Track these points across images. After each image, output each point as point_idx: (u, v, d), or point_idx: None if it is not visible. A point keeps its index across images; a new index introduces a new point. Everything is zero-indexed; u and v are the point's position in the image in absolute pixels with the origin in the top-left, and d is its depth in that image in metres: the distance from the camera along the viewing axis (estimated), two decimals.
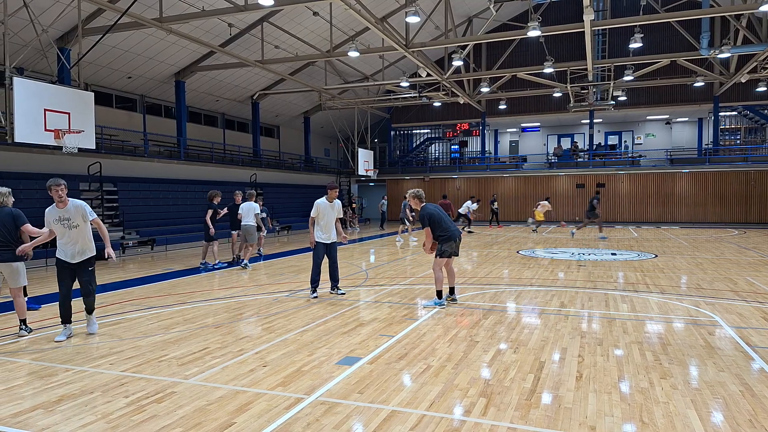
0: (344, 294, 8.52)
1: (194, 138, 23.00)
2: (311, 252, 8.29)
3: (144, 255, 15.45)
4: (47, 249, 13.22)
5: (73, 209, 5.95)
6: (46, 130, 11.19)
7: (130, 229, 16.66)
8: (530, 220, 24.13)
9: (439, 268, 7.54)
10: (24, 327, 6.17)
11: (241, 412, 3.89)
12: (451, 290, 7.81)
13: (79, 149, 12.09)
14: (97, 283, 9.96)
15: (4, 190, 6.21)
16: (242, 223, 11.93)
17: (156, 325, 6.62)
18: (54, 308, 7.79)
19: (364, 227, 28.00)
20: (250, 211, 11.93)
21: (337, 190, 8.46)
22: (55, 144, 11.56)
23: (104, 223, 16.26)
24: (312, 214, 8.20)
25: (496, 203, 25.31)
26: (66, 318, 6.02)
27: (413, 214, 18.38)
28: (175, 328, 6.46)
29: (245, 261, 11.78)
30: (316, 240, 8.15)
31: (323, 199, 8.26)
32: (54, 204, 5.92)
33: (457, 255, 7.69)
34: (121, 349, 5.57)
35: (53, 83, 12.03)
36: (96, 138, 13.00)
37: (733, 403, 4.00)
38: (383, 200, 27.10)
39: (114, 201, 16.97)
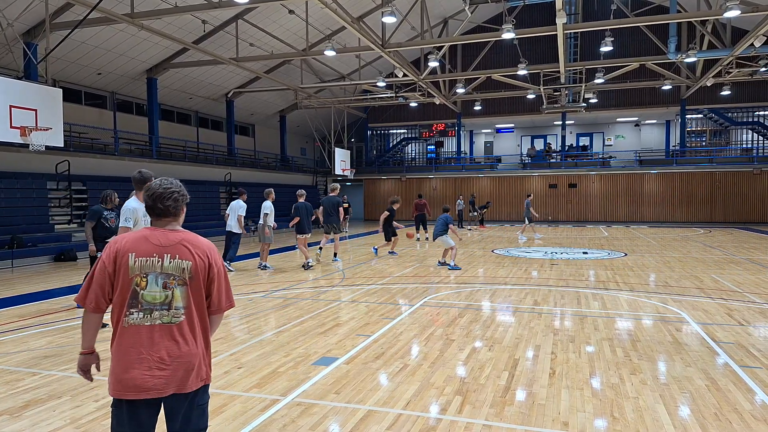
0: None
1: (167, 136, 22.55)
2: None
3: None
4: (13, 250, 12.80)
5: None
6: (11, 127, 10.83)
7: None
8: None
9: (300, 243, 11.76)
10: None
11: (216, 415, 3.83)
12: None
13: (47, 147, 11.74)
14: (67, 284, 9.74)
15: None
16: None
17: None
18: (16, 310, 7.54)
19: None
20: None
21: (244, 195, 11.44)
22: (22, 141, 11.19)
23: (73, 223, 15.87)
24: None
25: (485, 209, 25.27)
26: None
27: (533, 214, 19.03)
28: None
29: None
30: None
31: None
32: (136, 200, 5.11)
33: (304, 233, 11.57)
34: None
35: (19, 79, 11.65)
36: (64, 136, 12.63)
37: (699, 397, 4.13)
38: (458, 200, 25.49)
39: (83, 201, 16.52)
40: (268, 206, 11.38)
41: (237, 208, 11.07)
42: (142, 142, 21.39)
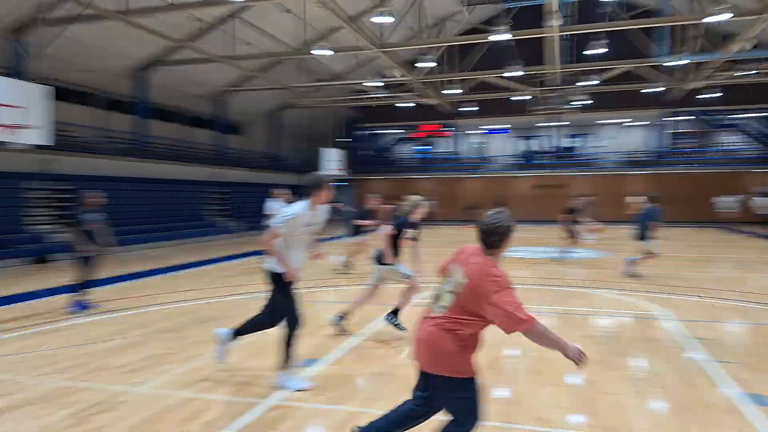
0: None
1: (158, 135, 22.40)
2: None
3: None
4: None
5: (323, 211, 4.74)
6: None
7: None
8: None
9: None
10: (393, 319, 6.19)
11: (195, 420, 3.79)
12: None
13: (35, 146, 11.65)
14: (45, 287, 9.38)
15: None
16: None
17: (106, 331, 6.32)
18: (5, 312, 7.48)
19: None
20: None
21: None
22: (9, 140, 11.10)
23: (59, 223, 15.70)
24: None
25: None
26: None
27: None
28: (127, 334, 6.16)
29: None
30: None
31: None
32: (305, 205, 4.50)
33: None
34: (66, 356, 5.29)
35: (7, 76, 11.56)
36: (52, 134, 12.54)
37: (677, 392, 4.18)
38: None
39: (70, 200, 16.35)
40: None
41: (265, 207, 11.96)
42: (132, 140, 21.25)
